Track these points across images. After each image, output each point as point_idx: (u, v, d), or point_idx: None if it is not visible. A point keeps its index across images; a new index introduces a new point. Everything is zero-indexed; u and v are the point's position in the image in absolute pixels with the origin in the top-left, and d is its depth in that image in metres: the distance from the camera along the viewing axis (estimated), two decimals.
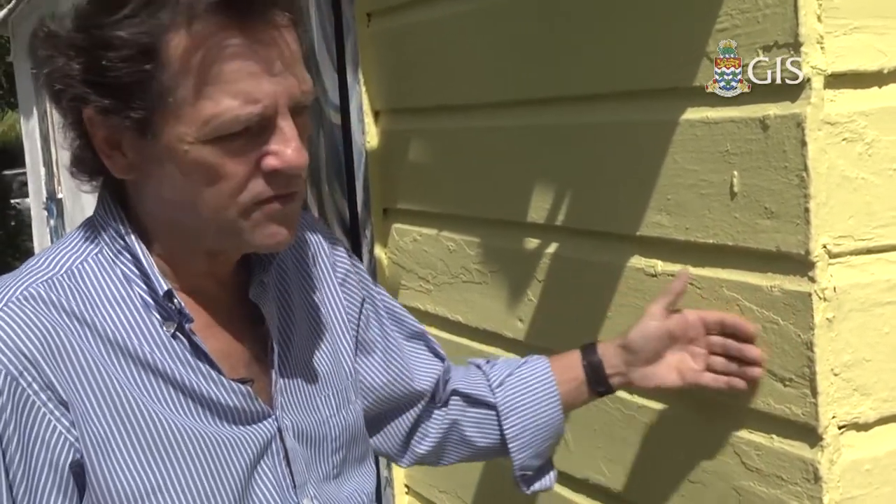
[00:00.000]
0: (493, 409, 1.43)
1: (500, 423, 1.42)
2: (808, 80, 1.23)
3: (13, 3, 11.23)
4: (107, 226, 1.11)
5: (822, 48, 1.23)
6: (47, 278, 1.07)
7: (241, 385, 1.12)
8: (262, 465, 1.13)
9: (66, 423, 1.03)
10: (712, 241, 1.39)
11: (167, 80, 1.01)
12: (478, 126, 1.95)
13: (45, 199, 11.83)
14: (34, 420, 1.02)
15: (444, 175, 2.08)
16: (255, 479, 1.12)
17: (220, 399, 1.10)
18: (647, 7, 1.47)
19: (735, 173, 1.33)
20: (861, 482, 1.30)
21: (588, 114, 1.64)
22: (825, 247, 1.25)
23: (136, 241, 1.10)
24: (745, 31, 1.30)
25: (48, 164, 11.23)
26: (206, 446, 1.08)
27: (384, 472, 2.43)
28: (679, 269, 1.46)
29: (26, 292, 1.05)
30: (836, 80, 1.25)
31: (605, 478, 1.69)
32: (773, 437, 1.34)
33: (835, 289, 1.26)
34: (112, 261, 1.10)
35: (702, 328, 1.37)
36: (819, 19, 1.23)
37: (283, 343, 1.19)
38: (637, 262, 1.56)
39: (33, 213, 13.28)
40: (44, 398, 1.02)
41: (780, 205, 1.28)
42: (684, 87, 1.39)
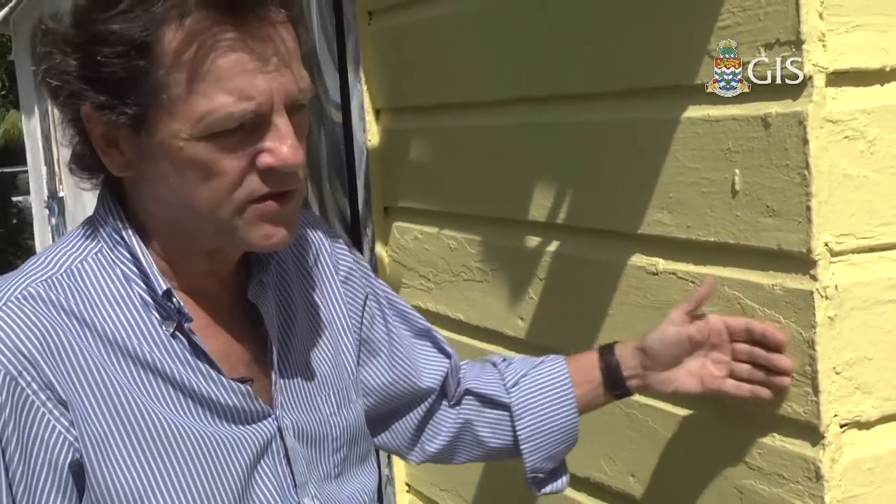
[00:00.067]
0: (507, 409, 1.41)
1: (514, 424, 1.40)
2: (810, 78, 1.23)
3: (14, 1, 11.22)
4: (106, 225, 1.11)
5: (824, 46, 1.23)
6: (47, 277, 1.07)
7: (241, 384, 1.12)
8: (262, 464, 1.12)
9: (65, 423, 1.03)
10: (714, 239, 1.39)
11: (161, 76, 1.00)
12: (479, 124, 1.94)
13: (46, 198, 11.83)
14: (33, 420, 1.02)
15: (445, 173, 2.07)
16: (256, 478, 1.11)
17: (219, 399, 1.10)
18: (649, 5, 1.47)
19: (736, 171, 1.33)
20: (863, 481, 1.30)
21: (589, 112, 1.64)
22: (827, 245, 1.25)
23: (135, 240, 1.09)
24: (746, 29, 1.29)
25: (49, 162, 11.23)
26: (205, 446, 1.08)
27: (385, 470, 2.43)
28: (681, 267, 1.45)
29: (25, 291, 1.05)
30: (838, 78, 1.24)
31: (606, 476, 1.69)
32: (775, 435, 1.34)
33: (836, 287, 1.26)
34: (112, 260, 1.10)
35: (726, 334, 1.34)
36: (821, 17, 1.22)
37: (283, 342, 1.19)
38: (638, 260, 1.55)
39: (35, 211, 13.28)
40: (43, 398, 1.02)
41: (781, 203, 1.28)
42: (685, 85, 1.39)
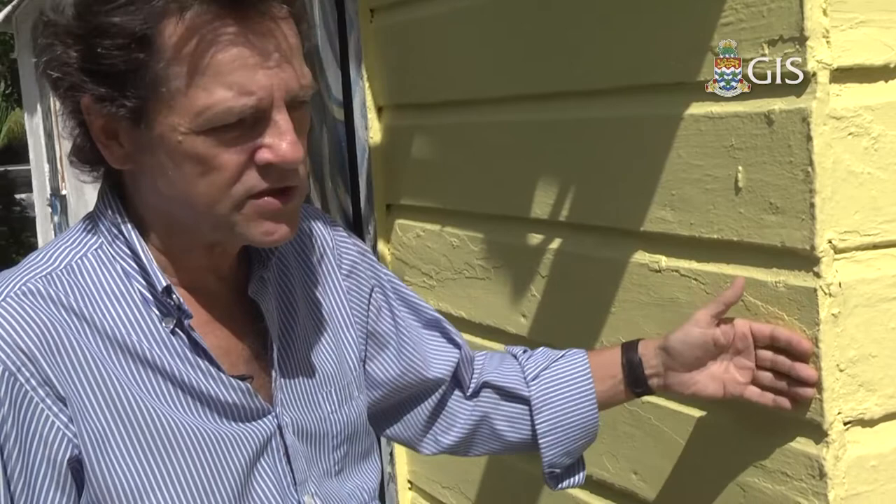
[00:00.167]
0: (527, 403, 1.40)
1: (533, 418, 1.39)
2: (814, 75, 1.23)
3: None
4: (106, 219, 1.11)
5: (828, 42, 1.22)
6: (46, 273, 1.07)
7: (241, 382, 1.12)
8: (261, 462, 1.12)
9: (64, 420, 1.03)
10: (717, 236, 1.38)
11: (161, 69, 1.00)
12: (481, 121, 1.94)
13: (48, 196, 11.83)
14: (32, 416, 1.02)
15: (448, 171, 2.07)
16: (255, 476, 1.11)
17: (219, 396, 1.10)
18: (651, 1, 1.46)
19: (740, 168, 1.33)
20: (866, 478, 1.29)
21: (592, 109, 1.64)
22: (830, 242, 1.25)
23: (135, 235, 1.09)
24: (749, 26, 1.29)
25: (52, 160, 11.23)
26: (205, 443, 1.08)
27: (387, 467, 2.43)
28: (683, 264, 1.45)
29: (25, 287, 1.05)
30: (842, 75, 1.24)
31: (609, 473, 1.69)
32: (779, 433, 1.33)
33: (840, 284, 1.25)
34: (112, 256, 1.10)
35: (751, 340, 1.30)
36: (825, 13, 1.22)
37: (283, 339, 1.19)
38: (641, 257, 1.55)
39: (37, 209, 13.28)
40: (42, 394, 1.02)
41: (785, 200, 1.27)
42: (688, 81, 1.39)
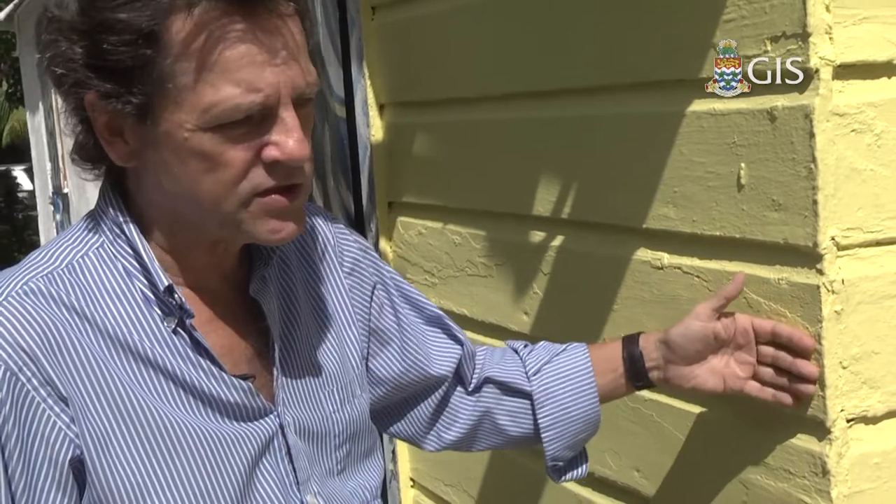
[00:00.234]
0: (528, 397, 1.40)
1: (535, 413, 1.40)
2: (817, 71, 1.22)
3: None
4: (108, 219, 1.11)
5: (831, 38, 1.22)
6: (47, 272, 1.07)
7: (243, 381, 1.11)
8: (264, 461, 1.12)
9: (65, 419, 1.02)
10: (719, 233, 1.38)
11: (168, 65, 1.00)
12: (483, 119, 1.94)
13: (51, 194, 11.84)
14: (34, 416, 1.02)
15: (449, 168, 2.07)
16: (257, 475, 1.11)
17: (221, 395, 1.09)
18: None
19: (742, 165, 1.32)
20: (869, 476, 1.29)
21: (593, 106, 1.63)
22: (833, 239, 1.24)
23: (136, 234, 1.09)
24: (752, 22, 1.28)
25: (54, 158, 11.24)
26: (206, 443, 1.07)
27: (389, 465, 2.43)
28: (686, 261, 1.45)
29: (26, 286, 1.05)
30: (845, 71, 1.24)
31: (611, 471, 1.68)
32: (781, 430, 1.33)
33: (843, 281, 1.25)
34: (113, 255, 1.09)
35: (752, 335, 1.30)
36: (828, 9, 1.21)
37: (285, 338, 1.19)
38: (643, 254, 1.55)
39: (39, 207, 13.28)
40: (43, 394, 1.02)
41: (787, 197, 1.27)
42: (690, 79, 1.38)
